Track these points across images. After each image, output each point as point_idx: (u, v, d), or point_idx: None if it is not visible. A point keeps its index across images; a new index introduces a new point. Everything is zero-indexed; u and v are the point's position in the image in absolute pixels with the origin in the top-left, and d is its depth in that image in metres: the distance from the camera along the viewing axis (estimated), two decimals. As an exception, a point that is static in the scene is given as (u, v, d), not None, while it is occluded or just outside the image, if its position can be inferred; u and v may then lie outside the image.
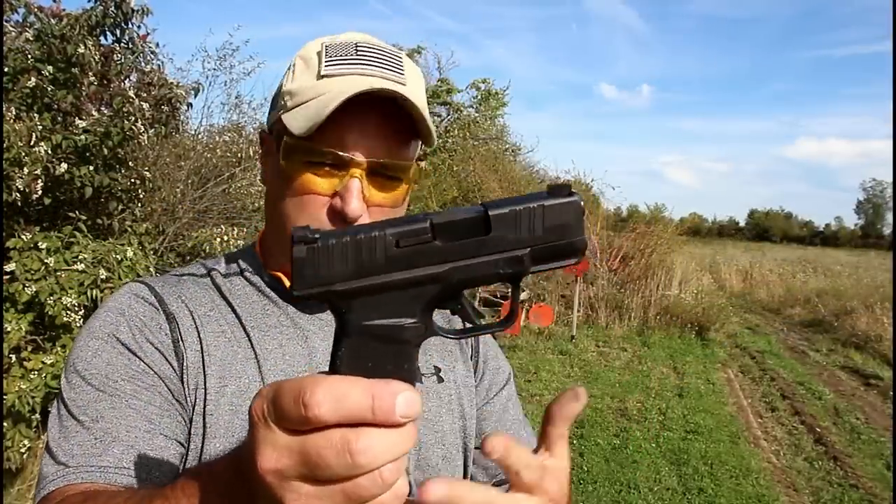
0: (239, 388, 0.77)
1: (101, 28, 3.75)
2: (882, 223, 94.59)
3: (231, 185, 5.43)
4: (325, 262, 0.42)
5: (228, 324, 0.81)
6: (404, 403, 0.39)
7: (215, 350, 0.78)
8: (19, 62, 3.33)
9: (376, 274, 0.42)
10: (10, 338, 3.09)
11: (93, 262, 3.33)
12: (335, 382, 0.38)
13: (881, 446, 5.46)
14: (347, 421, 0.38)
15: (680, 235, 12.28)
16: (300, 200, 0.78)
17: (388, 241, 0.42)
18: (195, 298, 0.82)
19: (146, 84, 4.11)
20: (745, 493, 4.38)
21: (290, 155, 0.78)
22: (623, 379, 7.16)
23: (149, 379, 0.74)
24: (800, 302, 13.90)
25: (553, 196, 0.44)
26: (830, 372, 8.40)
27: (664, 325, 9.92)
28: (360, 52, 0.79)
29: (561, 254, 0.44)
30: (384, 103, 0.76)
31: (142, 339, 0.76)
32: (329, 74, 0.78)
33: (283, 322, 0.83)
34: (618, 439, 5.27)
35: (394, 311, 0.42)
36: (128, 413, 0.71)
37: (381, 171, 0.78)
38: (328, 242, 0.41)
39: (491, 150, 12.85)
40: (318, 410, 0.37)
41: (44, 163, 3.23)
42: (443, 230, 0.42)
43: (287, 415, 0.38)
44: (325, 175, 0.77)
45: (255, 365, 0.79)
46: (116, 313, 0.78)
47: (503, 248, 0.42)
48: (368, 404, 0.38)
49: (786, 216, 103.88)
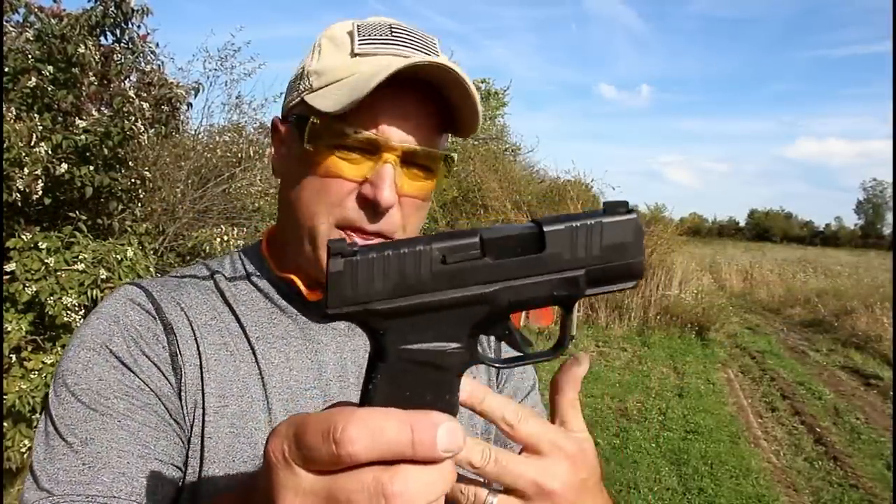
0: (241, 408, 0.71)
1: (102, 28, 3.75)
2: (882, 223, 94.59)
3: (231, 185, 5.43)
4: (365, 278, 0.37)
5: (231, 334, 0.75)
6: (447, 436, 0.35)
7: (216, 365, 0.72)
8: (19, 62, 3.33)
9: (420, 293, 0.38)
10: (11, 338, 3.09)
11: (93, 262, 3.33)
12: (370, 415, 0.34)
13: (881, 446, 5.46)
14: (384, 458, 0.34)
15: (680, 235, 12.27)
16: (325, 185, 0.71)
17: (434, 256, 0.38)
18: (195, 305, 0.76)
19: (146, 84, 4.11)
20: (745, 493, 4.38)
21: (316, 137, 0.71)
22: (623, 379, 7.16)
23: (144, 397, 0.68)
24: (800, 302, 13.90)
25: (610, 213, 0.40)
26: (830, 372, 8.39)
27: (664, 325, 9.92)
28: (395, 33, 0.74)
29: (618, 276, 0.40)
30: (422, 86, 0.70)
31: (137, 352, 0.69)
32: (364, 53, 0.72)
33: (292, 332, 0.77)
34: (618, 439, 5.27)
35: (437, 334, 0.39)
36: (120, 436, 0.65)
37: (413, 160, 0.72)
38: (368, 256, 0.37)
39: (491, 150, 12.84)
40: (352, 448, 0.33)
41: (44, 163, 3.23)
42: (493, 246, 0.38)
43: (315, 454, 0.34)
44: (355, 160, 0.70)
45: (258, 382, 0.73)
46: (110, 321, 0.71)
47: (558, 268, 0.39)
48: (408, 439, 0.34)
49: (786, 216, 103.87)
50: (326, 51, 0.74)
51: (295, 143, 0.74)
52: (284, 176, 0.79)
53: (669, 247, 11.61)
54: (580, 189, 12.19)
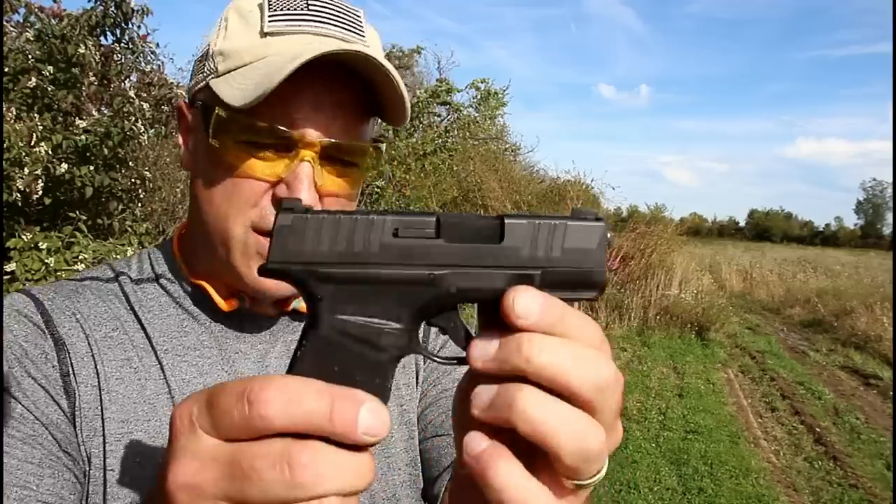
0: (148, 433, 0.62)
1: (102, 28, 3.76)
2: (882, 223, 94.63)
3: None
4: (312, 237, 0.36)
5: (135, 347, 0.66)
6: (370, 416, 0.32)
7: (117, 385, 0.63)
8: (20, 62, 3.33)
9: (365, 262, 0.36)
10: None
11: (93, 262, 3.33)
12: (289, 381, 0.32)
13: (881, 446, 5.46)
14: (298, 428, 0.31)
15: (680, 235, 12.28)
16: (236, 186, 0.63)
17: (386, 227, 0.36)
18: (94, 315, 0.66)
19: (146, 84, 4.12)
20: (745, 493, 4.38)
21: (222, 131, 0.62)
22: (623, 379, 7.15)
23: (27, 427, 0.58)
24: (800, 302, 13.89)
25: (577, 218, 0.38)
26: (830, 372, 8.39)
27: (664, 325, 9.92)
28: (312, 6, 0.64)
29: (575, 283, 0.37)
30: (339, 70, 0.62)
31: (21, 374, 0.59)
32: (274, 32, 0.63)
33: (205, 342, 0.69)
34: (618, 439, 5.27)
35: (377, 310, 0.36)
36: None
37: (335, 155, 0.64)
38: (319, 216, 0.36)
39: (491, 150, 12.84)
40: (266, 410, 0.31)
41: (44, 163, 3.23)
42: (449, 229, 0.37)
43: (225, 416, 0.31)
44: (268, 157, 0.62)
45: (168, 401, 0.65)
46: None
47: (513, 262, 0.37)
48: (326, 410, 0.31)
49: (786, 216, 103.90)
50: (234, 27, 0.66)
51: (201, 134, 0.66)
52: (193, 170, 0.69)
53: (669, 247, 11.61)
54: (580, 189, 12.19)
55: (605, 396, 0.35)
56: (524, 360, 0.33)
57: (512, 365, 0.34)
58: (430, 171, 9.32)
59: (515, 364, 0.33)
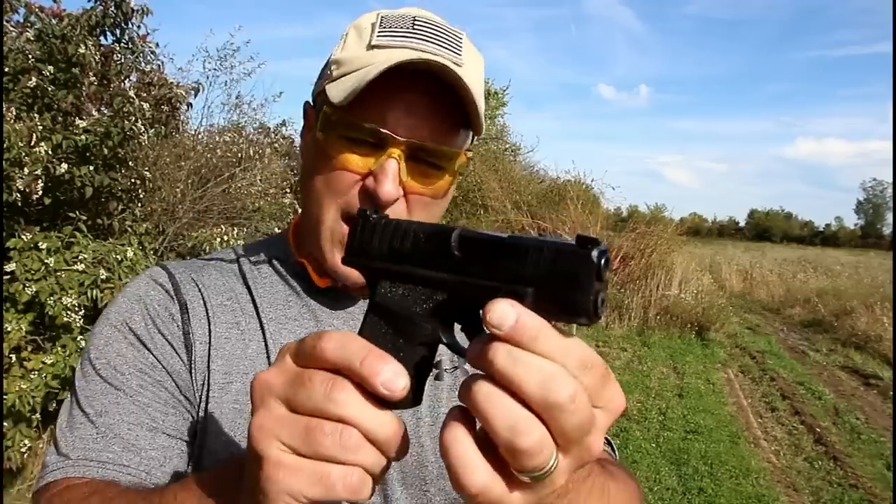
0: (245, 384, 0.72)
1: (102, 28, 3.75)
2: (882, 223, 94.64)
3: (231, 185, 5.43)
4: (370, 239, 0.46)
5: (244, 314, 0.77)
6: (390, 375, 0.40)
7: (225, 343, 0.74)
8: (20, 62, 3.33)
9: (404, 263, 0.45)
10: (11, 338, 3.09)
11: (93, 263, 3.33)
12: (347, 335, 0.42)
13: (881, 446, 5.46)
14: (341, 362, 0.41)
15: (680, 235, 12.27)
16: (331, 177, 0.72)
17: (418, 234, 0.45)
18: (213, 286, 0.78)
19: (146, 84, 4.12)
20: (745, 493, 4.38)
21: (327, 127, 0.72)
22: (623, 379, 7.15)
23: (156, 374, 0.71)
24: (800, 302, 13.89)
25: (574, 244, 0.40)
26: (830, 372, 8.39)
27: (664, 325, 9.92)
28: (418, 25, 0.73)
29: (563, 306, 0.39)
30: (435, 82, 0.69)
31: (153, 331, 0.73)
32: (379, 45, 0.72)
33: (304, 314, 0.79)
34: (618, 439, 5.26)
35: (410, 302, 0.45)
36: (131, 409, 0.69)
37: (422, 156, 0.72)
38: (379, 221, 0.46)
39: (491, 150, 12.84)
40: (324, 344, 0.41)
41: (44, 163, 3.23)
42: (465, 243, 0.43)
43: (303, 347, 0.43)
44: (362, 152, 0.71)
45: (265, 361, 0.75)
46: (133, 300, 0.75)
47: (509, 278, 0.40)
48: (360, 357, 0.40)
49: (786, 216, 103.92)
50: (350, 40, 0.75)
51: (314, 130, 0.75)
52: (305, 162, 0.80)
53: (669, 247, 11.61)
54: (580, 189, 12.19)
55: (558, 415, 0.37)
56: (488, 364, 0.38)
57: (481, 366, 0.39)
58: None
59: (482, 366, 0.38)
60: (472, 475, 0.38)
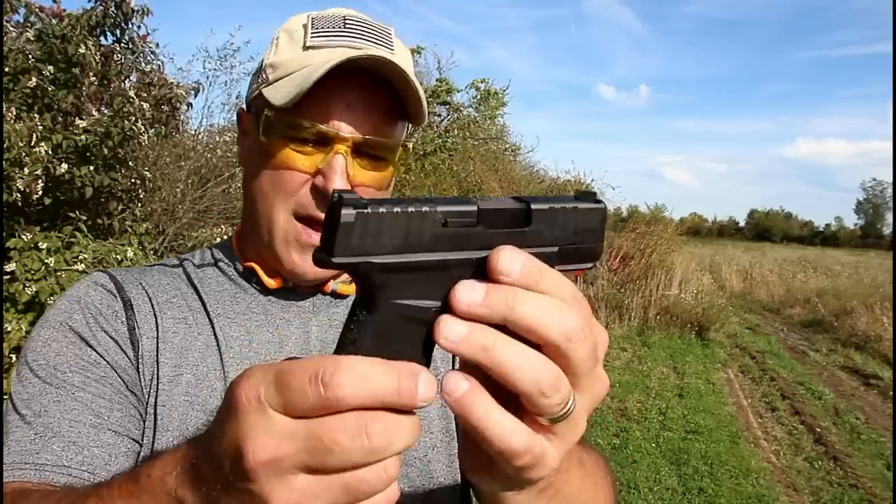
0: (196, 376, 0.72)
1: (102, 28, 3.75)
2: (882, 223, 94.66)
3: (231, 185, 5.43)
4: (373, 232, 0.38)
5: (191, 310, 0.77)
6: (424, 386, 0.36)
7: (173, 337, 0.74)
8: (20, 62, 3.33)
9: (421, 251, 0.39)
10: (11, 338, 3.09)
11: (93, 263, 3.33)
12: (357, 362, 0.35)
13: (881, 446, 5.46)
14: (371, 403, 0.35)
15: (680, 235, 12.28)
16: (279, 179, 0.73)
17: (437, 218, 0.39)
18: (158, 285, 0.78)
19: (146, 84, 4.12)
20: (745, 492, 4.38)
21: (270, 129, 0.73)
22: (623, 379, 7.15)
23: (100, 370, 0.69)
24: (800, 302, 13.89)
25: (584, 200, 0.44)
26: (830, 372, 8.39)
27: (664, 325, 9.92)
28: (349, 25, 0.76)
29: (582, 256, 0.43)
30: (372, 78, 0.72)
31: (96, 328, 0.72)
32: (315, 46, 0.74)
33: (254, 309, 0.79)
34: (618, 439, 5.27)
35: (429, 292, 0.40)
36: (73, 406, 0.66)
37: (367, 150, 0.74)
38: (379, 210, 0.38)
39: (491, 150, 12.84)
40: (341, 391, 0.34)
41: (44, 163, 3.23)
42: (486, 216, 0.40)
43: (299, 397, 0.34)
44: (308, 151, 0.72)
45: (216, 353, 0.74)
46: (73, 301, 0.74)
47: (537, 243, 0.42)
48: (394, 387, 0.35)
49: (786, 216, 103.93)
50: (283, 43, 0.77)
51: (254, 134, 0.77)
52: (246, 166, 0.81)
53: (669, 247, 11.62)
54: (580, 189, 12.18)
55: (574, 345, 0.38)
56: (508, 309, 0.37)
57: (498, 313, 0.37)
58: (430, 171, 9.32)
59: (501, 312, 0.37)
60: (514, 438, 0.38)
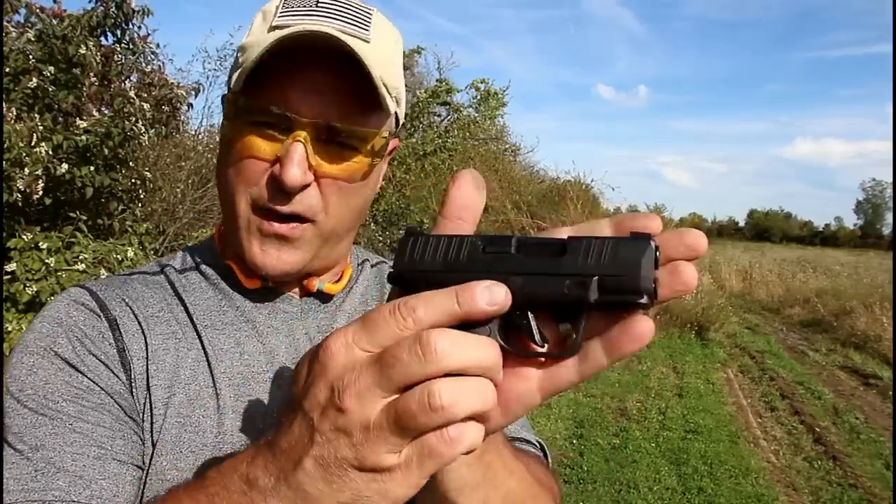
0: (188, 396, 0.69)
1: (102, 29, 3.76)
2: (881, 223, 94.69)
3: (231, 185, 5.43)
4: (422, 252, 0.48)
5: (179, 324, 0.72)
6: (486, 292, 0.41)
7: (164, 355, 0.69)
8: (21, 63, 3.34)
9: (459, 271, 0.46)
10: (11, 338, 3.10)
11: (93, 263, 3.33)
12: (423, 294, 0.42)
13: (881, 446, 5.46)
14: (437, 319, 0.41)
15: (680, 235, 12.24)
16: (240, 166, 0.68)
17: (476, 244, 0.46)
18: (142, 299, 0.73)
19: (147, 84, 4.12)
20: (744, 492, 4.39)
21: (232, 115, 0.68)
22: (623, 379, 7.16)
23: (94, 397, 0.64)
24: (799, 302, 13.89)
25: (630, 238, 0.45)
26: (830, 372, 8.40)
27: (664, 324, 9.92)
28: (322, 4, 0.69)
29: (624, 289, 0.43)
30: (343, 60, 0.65)
31: (83, 352, 0.66)
32: (279, 25, 0.67)
33: (240, 319, 0.75)
34: (617, 439, 5.27)
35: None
36: (73, 439, 0.61)
37: (331, 137, 0.67)
38: (430, 237, 0.48)
39: (491, 150, 12.85)
40: (415, 313, 0.41)
41: (45, 163, 3.23)
42: (524, 245, 0.46)
43: (381, 320, 0.41)
44: (269, 137, 0.66)
45: (206, 368, 0.70)
46: (53, 323, 0.67)
47: (572, 271, 0.44)
48: (453, 300, 0.41)
49: (785, 216, 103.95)
50: (255, 26, 0.71)
51: (224, 121, 0.72)
52: (218, 155, 0.76)
53: (669, 247, 11.59)
54: (580, 189, 12.20)
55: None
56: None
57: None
58: (430, 171, 9.32)
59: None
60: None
